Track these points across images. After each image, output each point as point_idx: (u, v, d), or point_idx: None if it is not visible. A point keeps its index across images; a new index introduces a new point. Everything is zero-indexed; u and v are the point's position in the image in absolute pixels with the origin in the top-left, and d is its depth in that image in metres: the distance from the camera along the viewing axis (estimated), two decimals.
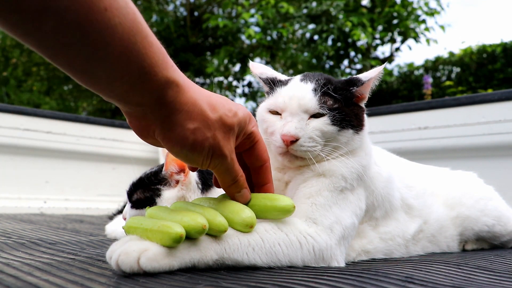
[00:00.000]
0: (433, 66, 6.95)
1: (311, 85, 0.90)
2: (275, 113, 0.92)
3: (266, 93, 0.99)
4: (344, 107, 0.89)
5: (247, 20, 7.11)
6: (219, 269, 0.72)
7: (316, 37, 7.35)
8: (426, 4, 7.25)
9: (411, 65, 7.53)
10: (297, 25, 7.44)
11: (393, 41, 7.55)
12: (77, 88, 9.39)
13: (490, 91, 5.20)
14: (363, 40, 6.82)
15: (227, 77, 8.14)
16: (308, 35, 7.55)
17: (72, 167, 2.66)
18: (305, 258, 0.80)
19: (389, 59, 7.62)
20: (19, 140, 2.44)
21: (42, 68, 9.30)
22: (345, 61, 7.77)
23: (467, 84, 6.32)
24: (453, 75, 6.70)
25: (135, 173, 1.12)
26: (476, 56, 6.52)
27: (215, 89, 7.92)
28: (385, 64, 1.03)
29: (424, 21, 7.18)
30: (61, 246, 1.04)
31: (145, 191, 1.06)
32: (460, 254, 1.11)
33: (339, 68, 7.78)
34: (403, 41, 7.47)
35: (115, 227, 1.32)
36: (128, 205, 1.09)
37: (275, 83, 0.95)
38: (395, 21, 7.17)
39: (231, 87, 8.25)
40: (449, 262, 0.88)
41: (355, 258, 0.94)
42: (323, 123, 0.87)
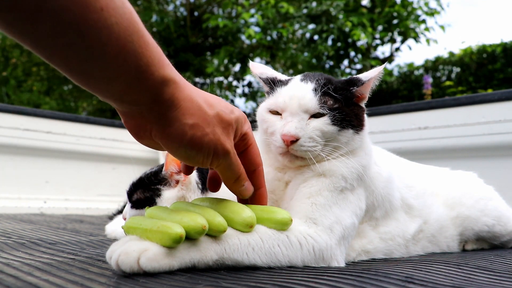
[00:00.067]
0: (433, 66, 6.96)
1: (311, 85, 0.90)
2: (275, 113, 0.92)
3: (266, 93, 0.99)
4: (344, 107, 0.89)
5: (247, 20, 7.11)
6: (219, 269, 0.72)
7: (316, 37, 7.35)
8: (426, 4, 7.25)
9: (411, 65, 7.53)
10: (297, 25, 7.45)
11: (393, 41, 7.56)
12: (77, 88, 9.38)
13: (490, 91, 5.20)
14: (363, 40, 6.82)
15: (227, 77, 8.14)
16: (308, 35, 7.55)
17: (72, 167, 2.66)
18: (305, 258, 0.80)
19: (389, 59, 7.62)
20: (19, 140, 2.44)
21: (42, 68, 9.31)
22: (345, 61, 7.77)
23: (467, 84, 6.32)
24: (453, 75, 6.70)
25: (135, 173, 1.12)
26: (476, 56, 6.52)
27: (215, 89, 7.92)
28: (385, 64, 1.03)
29: (424, 21, 7.18)
30: (61, 246, 1.04)
31: (145, 191, 1.06)
32: (460, 254, 1.11)
33: (339, 68, 7.78)
34: (403, 41, 7.47)
35: (115, 227, 1.32)
36: (128, 205, 1.09)
37: (275, 83, 0.95)
38: (395, 21, 7.17)
39: (231, 87, 8.25)
40: (449, 262, 0.88)
41: (355, 258, 0.94)
42: (323, 123, 0.87)
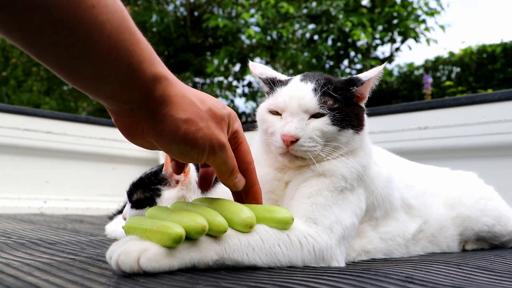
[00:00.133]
0: (433, 66, 6.96)
1: (311, 85, 0.90)
2: (275, 113, 0.92)
3: (266, 93, 0.99)
4: (344, 107, 0.89)
5: (247, 20, 7.10)
6: (219, 269, 0.72)
7: (316, 37, 7.34)
8: (426, 4, 7.25)
9: (411, 65, 7.53)
10: (297, 25, 7.44)
11: (393, 41, 7.55)
12: None
13: (490, 91, 5.20)
14: (363, 40, 6.82)
15: (227, 77, 8.13)
16: (308, 35, 7.55)
17: (72, 167, 2.66)
18: (305, 258, 0.80)
19: (389, 59, 7.62)
20: (19, 140, 2.44)
21: (42, 68, 9.30)
22: (345, 61, 7.77)
23: (467, 84, 6.32)
24: (453, 75, 6.70)
25: (135, 173, 1.12)
26: (476, 56, 6.52)
27: (215, 89, 7.91)
28: (385, 63, 1.03)
29: (424, 21, 7.18)
30: (61, 246, 1.04)
31: (145, 191, 1.06)
32: (460, 254, 1.11)
33: (339, 68, 7.78)
34: (403, 41, 7.47)
35: (115, 227, 1.32)
36: (128, 205, 1.09)
37: (275, 83, 0.95)
38: (395, 21, 7.17)
39: (231, 87, 8.25)
40: (449, 262, 0.88)
41: (355, 258, 0.94)
42: (323, 123, 0.87)
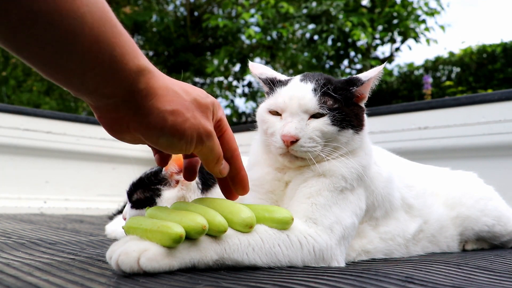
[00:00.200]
0: (433, 66, 6.95)
1: (311, 85, 0.90)
2: (275, 114, 0.92)
3: (266, 93, 0.99)
4: (344, 107, 0.89)
5: (247, 20, 7.10)
6: (219, 269, 0.72)
7: (316, 37, 7.34)
8: (426, 4, 7.24)
9: (411, 65, 7.53)
10: (297, 25, 7.44)
11: (393, 41, 7.55)
12: None
13: (490, 91, 5.20)
14: (363, 40, 6.82)
15: (227, 77, 8.13)
16: (308, 35, 7.55)
17: (72, 167, 2.66)
18: (305, 258, 0.80)
19: (389, 59, 7.62)
20: (19, 140, 2.44)
21: None
22: (345, 61, 7.76)
23: (467, 84, 6.32)
24: (453, 75, 6.70)
25: (135, 173, 1.12)
26: (476, 56, 6.52)
27: (215, 89, 7.91)
28: (385, 63, 1.03)
29: (424, 21, 7.18)
30: (61, 246, 1.04)
31: (145, 191, 1.06)
32: (460, 254, 1.11)
33: (339, 68, 7.78)
34: (403, 41, 7.47)
35: (115, 227, 1.32)
36: (128, 205, 1.09)
37: (274, 83, 0.95)
38: (395, 21, 7.17)
39: (231, 87, 8.24)
40: (449, 262, 0.88)
41: (355, 258, 0.94)
42: (323, 123, 0.87)
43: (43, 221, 1.80)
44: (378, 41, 7.57)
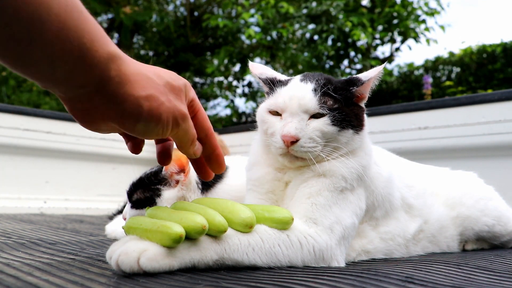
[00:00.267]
0: (433, 66, 6.95)
1: (311, 85, 0.90)
2: (275, 114, 0.92)
3: (266, 93, 0.99)
4: (344, 107, 0.89)
5: (247, 20, 7.10)
6: (219, 269, 0.72)
7: (316, 37, 7.34)
8: (426, 4, 7.24)
9: (411, 65, 7.52)
10: (297, 25, 7.44)
11: (393, 41, 7.55)
12: None
13: (490, 91, 5.20)
14: (363, 40, 6.81)
15: (227, 77, 8.13)
16: (308, 35, 7.54)
17: (72, 167, 2.66)
18: (305, 258, 0.80)
19: (389, 59, 7.62)
20: (19, 140, 2.44)
21: None
22: (345, 61, 7.76)
23: (467, 84, 6.32)
24: (453, 75, 6.70)
25: (135, 173, 1.12)
26: (476, 56, 6.52)
27: (215, 89, 7.91)
28: (385, 63, 1.03)
29: (424, 21, 7.17)
30: (61, 246, 1.04)
31: (145, 191, 1.06)
32: (460, 254, 1.11)
33: (339, 68, 7.78)
34: (403, 41, 7.46)
35: (115, 227, 1.32)
36: (128, 205, 1.09)
37: (274, 83, 0.95)
38: (395, 21, 7.16)
39: (231, 87, 8.24)
40: (449, 262, 0.88)
41: (355, 258, 0.94)
42: (323, 123, 0.87)
43: (43, 221, 1.80)
44: (378, 41, 7.57)
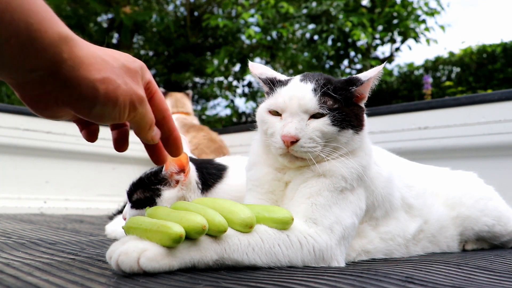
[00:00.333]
0: (433, 66, 6.95)
1: (311, 85, 0.90)
2: (275, 114, 0.92)
3: (266, 93, 0.99)
4: (344, 107, 0.89)
5: (247, 20, 7.10)
6: (219, 269, 0.72)
7: (316, 37, 7.34)
8: (426, 4, 7.24)
9: (411, 65, 7.52)
10: (297, 25, 7.44)
11: (393, 41, 7.55)
12: None
13: (490, 91, 5.20)
14: (363, 40, 6.81)
15: (227, 77, 8.13)
16: (308, 35, 7.54)
17: (72, 167, 2.66)
18: (305, 258, 0.80)
19: (389, 59, 7.62)
20: (19, 140, 2.44)
21: None
22: (345, 61, 7.76)
23: (467, 84, 6.32)
24: (453, 75, 6.70)
25: (135, 173, 1.12)
26: (476, 56, 6.52)
27: (215, 89, 7.91)
28: (384, 63, 1.03)
29: (424, 21, 7.17)
30: (61, 246, 1.04)
31: (145, 191, 1.06)
32: (460, 254, 1.11)
33: (339, 68, 7.77)
34: (403, 41, 7.46)
35: (115, 227, 1.32)
36: (128, 205, 1.09)
37: (274, 83, 0.95)
38: (395, 21, 7.16)
39: (231, 87, 8.24)
40: (449, 262, 0.88)
41: (355, 258, 0.94)
42: (323, 123, 0.87)
43: (43, 221, 1.80)
44: (378, 41, 7.57)
